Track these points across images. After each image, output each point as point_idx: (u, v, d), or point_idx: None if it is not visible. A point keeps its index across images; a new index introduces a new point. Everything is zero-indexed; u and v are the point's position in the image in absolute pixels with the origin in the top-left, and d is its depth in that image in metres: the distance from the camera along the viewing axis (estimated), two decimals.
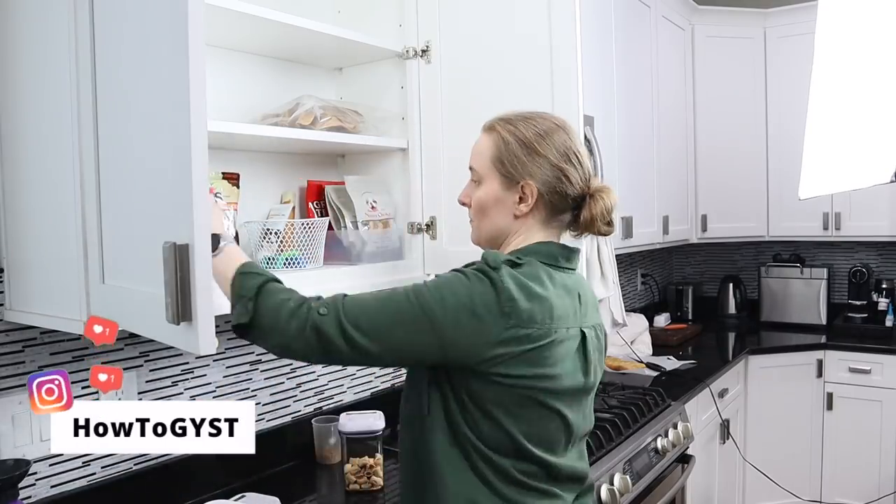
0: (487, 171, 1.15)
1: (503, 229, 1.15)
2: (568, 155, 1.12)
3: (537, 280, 1.06)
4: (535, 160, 1.11)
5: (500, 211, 1.14)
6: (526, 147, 1.12)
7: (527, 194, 1.12)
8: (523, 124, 1.14)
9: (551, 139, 1.12)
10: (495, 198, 1.14)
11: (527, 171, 1.11)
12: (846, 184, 2.18)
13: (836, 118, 2.03)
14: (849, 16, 2.01)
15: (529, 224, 1.14)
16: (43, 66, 1.18)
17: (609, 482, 1.71)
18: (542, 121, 1.15)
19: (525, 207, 1.12)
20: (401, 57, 1.74)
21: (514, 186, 1.12)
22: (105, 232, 1.09)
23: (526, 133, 1.12)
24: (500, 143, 1.14)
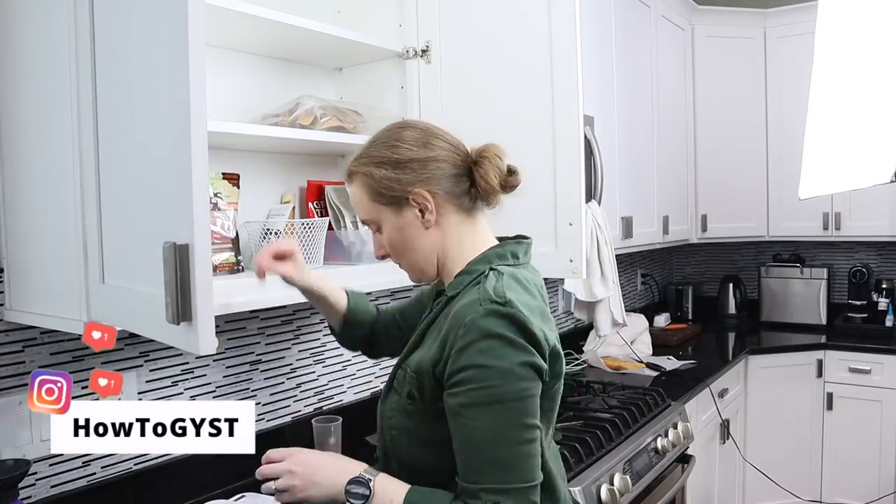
0: (375, 212, 1.11)
1: (431, 249, 1.11)
2: (425, 141, 1.09)
3: (525, 290, 1.06)
4: (403, 170, 1.07)
5: (414, 235, 1.10)
6: (388, 166, 1.08)
7: (420, 202, 1.07)
8: (372, 149, 1.11)
9: (402, 141, 1.09)
10: (399, 227, 1.10)
11: (404, 183, 1.07)
12: (846, 184, 2.18)
13: (836, 118, 2.03)
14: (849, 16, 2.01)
15: (448, 228, 1.10)
16: (43, 66, 1.18)
17: (609, 482, 1.71)
18: (384, 132, 1.12)
19: (430, 215, 1.08)
20: (401, 57, 1.74)
21: (406, 204, 1.08)
22: (105, 232, 1.09)
23: (379, 154, 1.09)
24: (366, 180, 1.09)
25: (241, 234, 1.51)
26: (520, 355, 0.98)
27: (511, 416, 0.98)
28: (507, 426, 0.97)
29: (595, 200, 2.36)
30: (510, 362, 0.98)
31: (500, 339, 0.98)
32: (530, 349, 0.99)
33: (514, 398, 0.97)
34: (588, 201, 2.28)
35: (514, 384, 0.98)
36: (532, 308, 1.03)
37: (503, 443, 0.97)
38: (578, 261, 1.53)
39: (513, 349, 0.98)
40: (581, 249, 1.53)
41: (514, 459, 0.97)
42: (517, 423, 0.98)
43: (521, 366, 0.98)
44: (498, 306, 0.99)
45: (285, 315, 1.83)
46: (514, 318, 0.99)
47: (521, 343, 0.99)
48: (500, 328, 0.98)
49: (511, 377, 0.97)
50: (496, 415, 0.97)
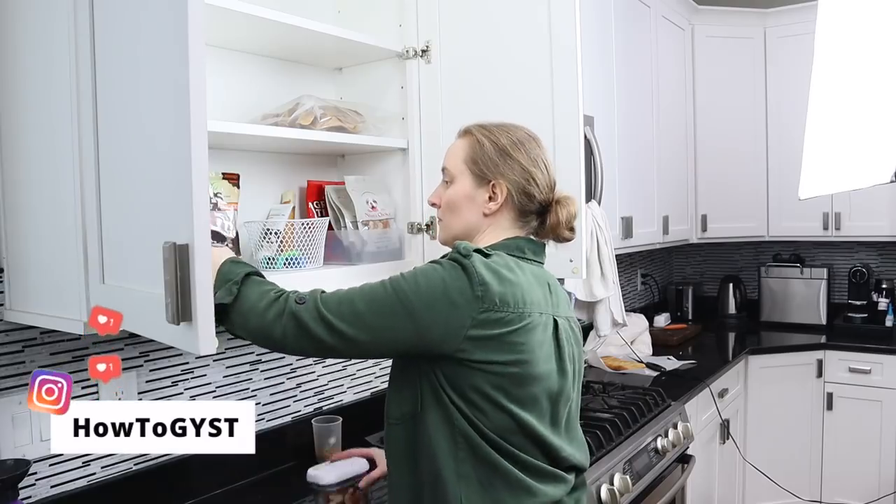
0: (460, 171, 1.21)
1: (472, 226, 1.21)
2: (537, 161, 1.19)
3: (507, 267, 1.10)
4: (506, 162, 1.18)
5: (470, 208, 1.20)
6: (499, 150, 1.18)
7: (497, 193, 1.18)
8: (498, 131, 1.21)
9: (523, 146, 1.19)
10: (466, 195, 1.20)
11: (498, 171, 1.18)
12: (846, 184, 2.18)
13: (836, 118, 2.03)
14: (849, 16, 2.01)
15: (498, 222, 1.20)
16: (43, 66, 1.18)
17: (609, 482, 1.71)
18: (517, 130, 1.22)
19: (494, 206, 1.18)
20: (401, 57, 1.74)
21: (485, 185, 1.19)
22: (105, 232, 1.09)
23: (500, 138, 1.19)
24: (475, 144, 1.20)
25: (241, 234, 1.51)
26: (445, 278, 1.05)
27: (371, 291, 1.07)
28: (360, 295, 1.07)
29: (595, 200, 2.36)
30: (432, 273, 1.06)
31: (436, 264, 1.08)
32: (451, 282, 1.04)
33: (392, 286, 1.06)
34: (588, 201, 2.28)
35: (404, 281, 1.06)
36: (501, 277, 1.07)
37: (343, 301, 1.06)
38: (578, 261, 1.53)
39: (436, 271, 1.06)
40: (581, 249, 1.53)
41: (334, 314, 1.04)
42: (366, 297, 1.06)
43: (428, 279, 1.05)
44: (458, 255, 1.07)
45: None
46: (464, 267, 1.05)
47: (454, 272, 1.05)
48: (444, 263, 1.07)
49: (409, 278, 1.06)
50: (383, 281, 1.08)
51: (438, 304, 1.03)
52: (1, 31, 1.25)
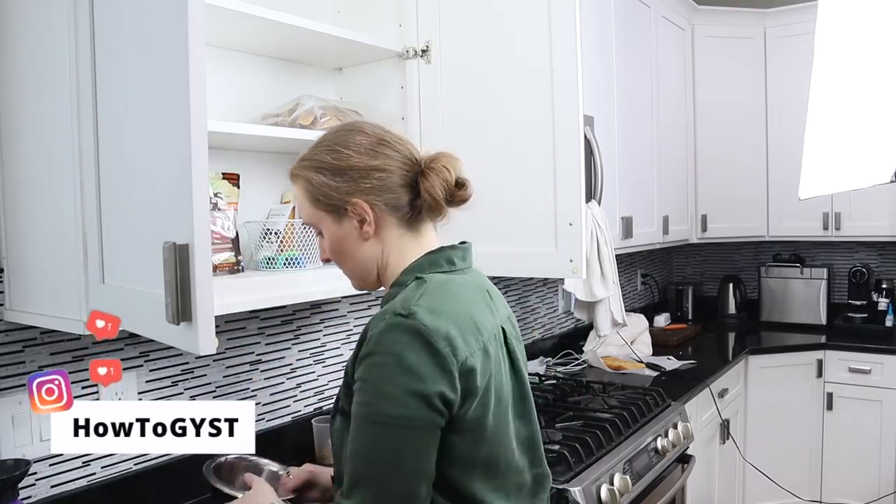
0: (316, 217, 1.07)
1: (368, 259, 1.07)
2: (371, 148, 1.04)
3: (450, 295, 1.00)
4: (343, 177, 1.03)
5: (352, 245, 1.06)
6: (328, 171, 1.03)
7: (359, 212, 1.03)
8: (314, 151, 1.06)
9: (347, 147, 1.04)
10: (338, 236, 1.06)
11: (342, 192, 1.03)
12: (846, 184, 2.18)
13: (836, 118, 2.02)
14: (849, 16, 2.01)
15: (389, 240, 1.06)
16: (43, 66, 1.18)
17: (609, 482, 1.71)
18: (330, 134, 1.08)
19: (368, 227, 1.04)
20: (401, 57, 1.74)
21: (345, 214, 1.04)
22: (105, 232, 1.09)
23: (319, 158, 1.05)
24: (306, 185, 1.06)
25: (241, 234, 1.51)
26: (409, 381, 0.91)
27: (382, 440, 0.92)
28: (376, 450, 0.93)
29: (595, 200, 2.36)
30: (397, 387, 0.91)
31: (395, 359, 0.92)
32: (421, 375, 0.91)
33: (389, 423, 0.91)
34: (588, 201, 2.28)
35: (393, 409, 0.91)
36: (453, 317, 0.96)
37: (369, 464, 0.93)
38: (578, 261, 1.53)
39: (402, 373, 0.91)
40: (581, 249, 1.53)
41: (372, 485, 0.92)
42: (386, 449, 0.92)
43: (406, 393, 0.91)
44: (401, 318, 0.94)
45: (285, 315, 1.83)
46: (418, 332, 0.92)
47: (413, 367, 0.91)
48: (398, 346, 0.92)
49: (392, 402, 0.91)
50: (367, 434, 0.93)
51: (422, 386, 0.91)
52: (1, 31, 1.25)
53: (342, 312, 1.98)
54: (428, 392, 0.91)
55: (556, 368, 2.72)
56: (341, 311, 1.98)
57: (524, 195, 1.58)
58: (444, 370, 0.92)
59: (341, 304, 1.98)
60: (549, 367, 2.72)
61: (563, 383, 2.41)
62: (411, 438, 0.92)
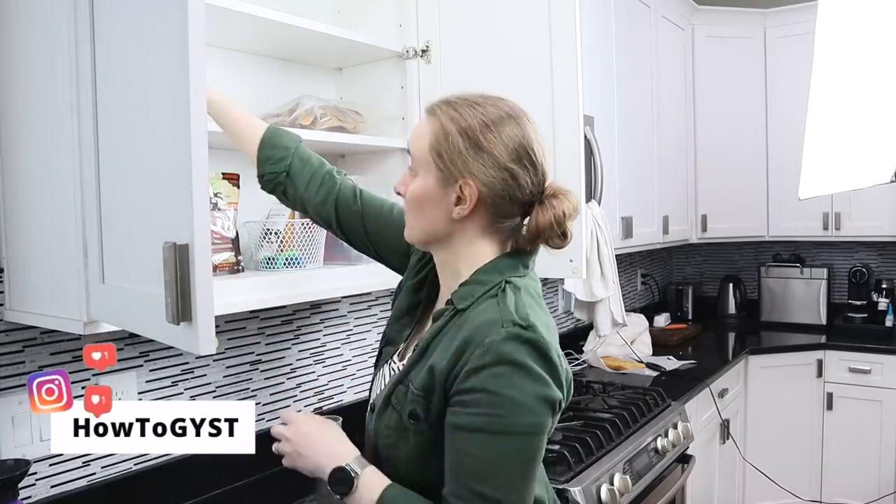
0: (424, 162, 1.00)
1: (437, 231, 1.02)
2: (519, 152, 0.98)
3: (542, 306, 1.01)
4: (478, 156, 0.97)
5: (435, 211, 1.00)
6: (469, 139, 0.97)
7: (466, 195, 0.98)
8: (469, 111, 0.98)
9: (500, 131, 0.97)
10: (430, 195, 1.00)
11: (467, 168, 0.97)
12: (846, 184, 2.18)
13: (836, 118, 2.03)
14: (849, 16, 2.01)
15: (468, 228, 1.01)
16: (43, 66, 1.17)
17: (609, 482, 1.71)
18: (493, 108, 0.99)
19: (463, 211, 0.99)
20: (401, 57, 1.74)
21: (453, 185, 0.98)
22: (105, 232, 1.09)
23: (470, 122, 0.97)
24: (439, 132, 0.99)
25: (241, 234, 1.51)
26: (538, 387, 0.91)
27: (513, 450, 0.91)
28: (507, 460, 0.91)
29: (595, 200, 2.36)
30: (525, 394, 0.90)
31: (519, 368, 0.91)
32: (548, 380, 0.92)
33: (521, 432, 0.91)
34: (588, 201, 2.28)
35: (525, 417, 0.91)
36: (549, 328, 0.97)
37: (498, 476, 0.91)
38: (578, 261, 1.53)
39: (530, 380, 0.91)
40: (581, 249, 1.53)
41: (504, 494, 0.91)
42: (518, 459, 0.92)
43: (536, 399, 0.91)
44: (521, 330, 0.92)
45: (285, 315, 1.83)
46: (538, 346, 0.92)
47: (540, 374, 0.91)
48: (520, 355, 0.91)
49: (523, 410, 0.90)
50: (496, 446, 0.91)
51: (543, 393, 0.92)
52: (1, 30, 1.25)
53: (342, 312, 1.98)
54: (554, 398, 0.93)
55: None
56: (341, 311, 1.98)
57: None
58: (558, 381, 0.94)
59: (341, 304, 1.98)
60: None
61: None
62: (541, 445, 0.94)
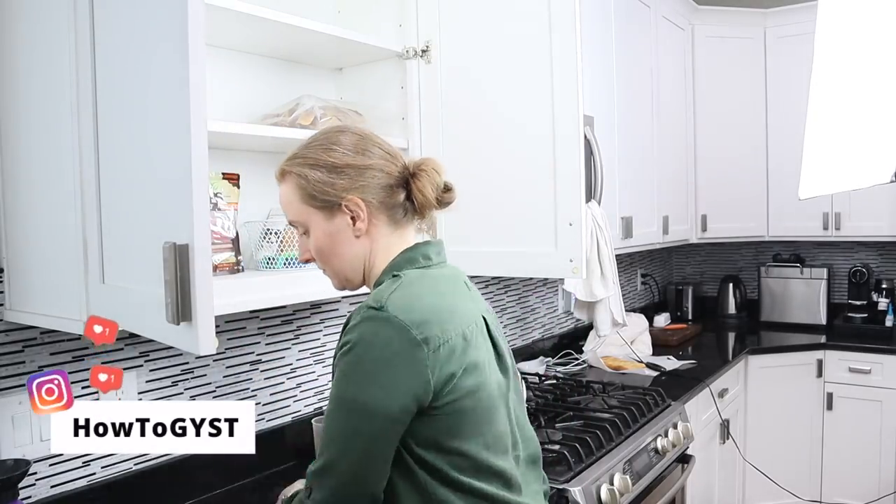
0: (306, 215, 1.08)
1: (356, 258, 1.09)
2: (362, 147, 1.07)
3: (426, 290, 1.02)
4: (339, 175, 1.05)
5: (341, 242, 1.07)
6: (323, 169, 1.05)
7: (353, 209, 1.05)
8: (308, 150, 1.08)
9: (340, 145, 1.06)
10: (328, 232, 1.07)
11: (338, 189, 1.05)
12: (846, 184, 2.18)
13: (836, 118, 2.02)
14: (849, 16, 2.01)
15: (377, 238, 1.08)
16: (43, 67, 1.18)
17: (609, 482, 1.71)
18: (322, 136, 1.09)
19: (362, 224, 1.06)
20: (401, 57, 1.74)
21: (338, 210, 1.05)
22: (105, 232, 1.09)
23: (315, 157, 1.06)
24: (299, 181, 1.07)
25: (241, 234, 1.51)
26: (387, 376, 0.94)
27: (342, 422, 0.96)
28: (335, 427, 0.97)
29: (595, 200, 2.36)
30: (374, 379, 0.94)
31: (371, 349, 0.95)
32: (398, 370, 0.94)
33: (350, 406, 0.95)
34: (588, 201, 2.28)
35: (372, 399, 0.94)
36: (427, 307, 0.98)
37: (328, 441, 0.97)
38: (578, 261, 1.53)
39: (380, 365, 0.95)
40: (581, 249, 1.53)
41: (326, 458, 0.97)
42: (343, 431, 0.96)
43: (383, 387, 0.94)
44: (373, 311, 0.96)
45: (285, 315, 1.83)
46: (388, 322, 0.95)
47: (392, 360, 0.94)
48: (373, 336, 0.95)
49: (370, 393, 0.94)
50: (330, 417, 0.98)
51: (393, 376, 0.94)
52: (1, 31, 1.25)
53: (342, 312, 1.98)
54: (402, 389, 0.94)
55: (556, 368, 2.72)
56: (341, 311, 1.98)
57: (524, 195, 1.58)
58: (417, 361, 0.94)
59: (341, 304, 1.98)
60: (549, 367, 2.72)
61: (563, 383, 2.41)
62: (367, 426, 0.95)
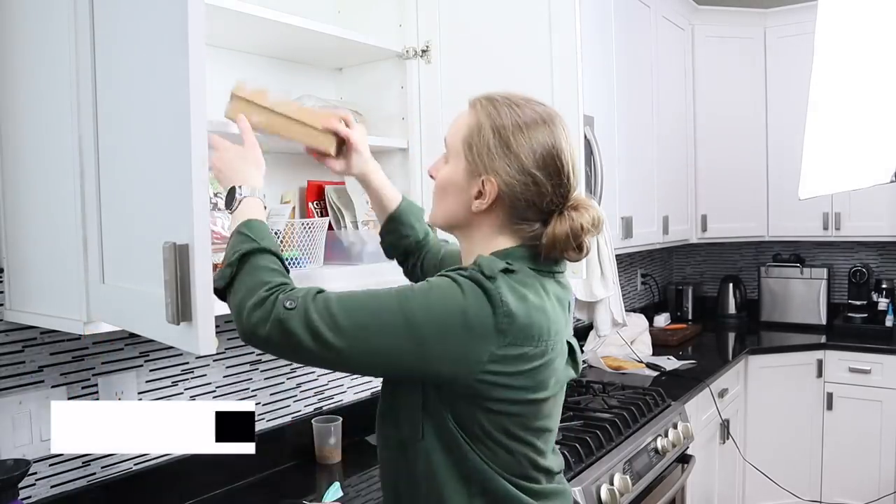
0: (456, 152, 1.04)
1: (458, 219, 1.06)
2: (546, 159, 0.99)
3: (534, 291, 0.97)
4: (505, 156, 0.99)
5: (456, 199, 1.04)
6: (500, 137, 0.99)
7: (486, 191, 1.00)
8: (506, 110, 1.01)
9: (531, 135, 0.99)
10: (455, 183, 1.04)
11: (493, 166, 1.00)
12: (846, 184, 2.18)
13: (836, 118, 2.03)
14: (849, 16, 2.01)
15: (485, 224, 1.04)
16: (43, 67, 1.18)
17: (609, 482, 1.71)
18: (530, 111, 1.02)
19: (481, 205, 1.01)
20: (401, 57, 1.74)
21: (476, 178, 1.01)
22: (105, 232, 1.09)
23: (504, 121, 1.00)
24: (474, 125, 1.02)
25: None
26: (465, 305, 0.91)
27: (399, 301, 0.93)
28: (381, 299, 0.94)
29: (595, 200, 2.36)
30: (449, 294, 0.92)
31: (456, 283, 0.93)
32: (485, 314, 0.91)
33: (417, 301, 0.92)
34: None
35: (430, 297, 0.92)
36: (530, 306, 0.95)
37: (352, 307, 0.93)
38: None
39: (461, 294, 0.92)
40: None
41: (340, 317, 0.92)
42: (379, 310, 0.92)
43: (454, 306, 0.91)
44: (481, 276, 0.93)
45: None
46: (490, 296, 0.92)
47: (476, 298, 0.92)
48: (463, 282, 0.93)
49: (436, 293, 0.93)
50: (391, 290, 0.95)
51: (453, 335, 0.90)
52: (1, 31, 1.25)
53: None
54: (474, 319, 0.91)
55: None
56: None
57: None
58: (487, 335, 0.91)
59: None
60: None
61: None
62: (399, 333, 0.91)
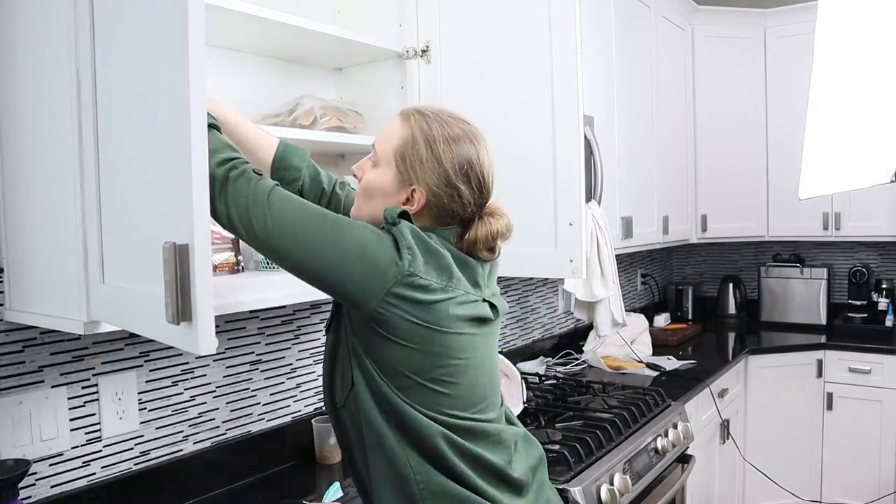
0: (386, 160, 1.11)
1: (383, 220, 1.12)
2: (467, 171, 1.09)
3: (438, 245, 1.07)
4: (433, 167, 1.08)
5: (384, 202, 1.11)
6: (431, 151, 1.08)
7: (414, 199, 1.09)
8: (437, 125, 1.10)
9: (457, 150, 1.09)
10: (385, 189, 1.11)
11: (423, 176, 1.08)
12: (846, 184, 2.18)
13: (836, 118, 2.02)
14: (849, 16, 2.01)
15: None
16: (43, 66, 1.17)
17: (609, 482, 1.71)
18: (457, 128, 1.11)
19: (409, 208, 1.10)
20: (401, 57, 1.74)
21: (406, 187, 1.10)
22: (105, 232, 1.09)
23: (436, 135, 1.09)
24: (407, 138, 1.10)
25: None
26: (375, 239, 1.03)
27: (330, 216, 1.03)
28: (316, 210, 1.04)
29: (595, 200, 2.36)
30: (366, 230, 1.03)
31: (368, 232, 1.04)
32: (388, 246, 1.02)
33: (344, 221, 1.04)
34: (588, 201, 2.28)
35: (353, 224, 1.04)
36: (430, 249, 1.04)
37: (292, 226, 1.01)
38: (578, 261, 1.53)
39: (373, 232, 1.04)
40: (581, 249, 1.53)
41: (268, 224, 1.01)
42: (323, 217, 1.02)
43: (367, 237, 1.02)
44: (386, 223, 1.05)
45: (285, 315, 1.83)
46: (393, 236, 1.03)
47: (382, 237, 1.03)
48: (376, 231, 1.04)
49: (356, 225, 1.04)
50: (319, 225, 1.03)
51: (361, 257, 1.00)
52: (1, 31, 1.25)
53: None
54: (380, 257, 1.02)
55: (556, 368, 2.72)
56: None
57: (524, 195, 1.58)
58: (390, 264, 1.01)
59: None
60: (549, 367, 2.73)
61: (563, 383, 2.41)
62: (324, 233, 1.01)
